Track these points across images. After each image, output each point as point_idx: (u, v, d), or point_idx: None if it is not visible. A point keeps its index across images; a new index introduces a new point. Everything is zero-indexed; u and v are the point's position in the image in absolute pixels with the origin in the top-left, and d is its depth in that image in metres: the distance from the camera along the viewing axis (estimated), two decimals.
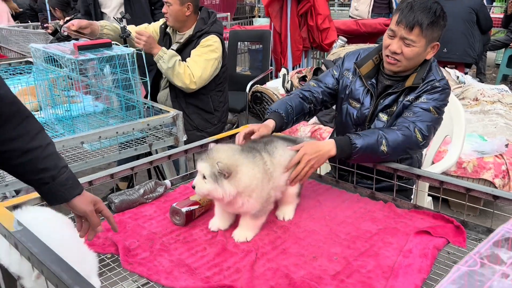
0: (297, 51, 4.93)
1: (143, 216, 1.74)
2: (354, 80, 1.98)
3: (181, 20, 2.93)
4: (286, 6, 4.80)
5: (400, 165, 1.82)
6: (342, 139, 1.73)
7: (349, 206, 1.81)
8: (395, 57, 1.83)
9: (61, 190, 1.26)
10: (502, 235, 0.77)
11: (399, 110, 1.88)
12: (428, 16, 1.76)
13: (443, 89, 1.85)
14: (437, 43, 1.85)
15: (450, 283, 0.64)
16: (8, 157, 1.19)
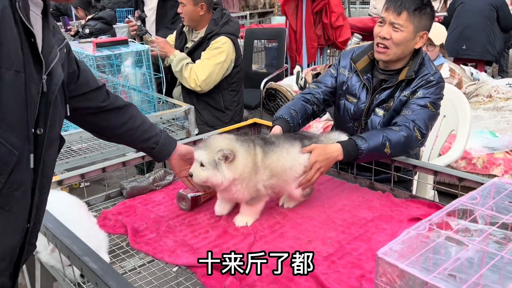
0: (312, 49, 5.00)
1: (152, 201, 1.85)
2: (350, 76, 2.06)
3: (196, 20, 3.01)
4: (301, 4, 4.88)
5: (398, 156, 1.89)
6: (349, 144, 1.80)
7: (348, 195, 1.89)
8: (384, 43, 1.89)
9: (164, 150, 1.67)
10: (456, 206, 0.85)
11: (396, 105, 1.94)
12: (415, 1, 1.86)
13: (437, 83, 1.91)
14: (425, 32, 1.92)
15: (398, 243, 0.72)
16: (126, 136, 1.57)
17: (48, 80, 1.04)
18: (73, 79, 1.33)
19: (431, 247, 0.72)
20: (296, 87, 4.51)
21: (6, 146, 0.92)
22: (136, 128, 1.57)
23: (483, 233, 0.74)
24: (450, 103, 2.65)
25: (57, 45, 1.10)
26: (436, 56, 3.54)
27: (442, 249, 0.72)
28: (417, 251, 0.72)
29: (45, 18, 1.07)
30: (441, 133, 2.65)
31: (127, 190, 1.88)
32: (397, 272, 0.67)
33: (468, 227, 0.77)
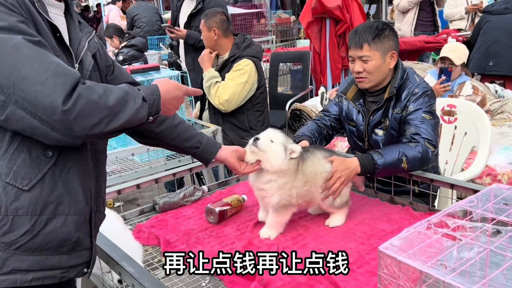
0: (336, 70, 5.11)
1: (182, 216, 1.98)
2: (347, 104, 2.22)
3: (212, 45, 3.17)
4: (325, 27, 5.01)
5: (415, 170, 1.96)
6: (366, 158, 1.90)
7: (368, 209, 1.97)
8: (361, 76, 2.05)
9: (209, 149, 1.70)
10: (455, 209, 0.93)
11: (391, 123, 2.05)
12: (370, 32, 2.01)
13: (423, 93, 2.01)
14: (393, 51, 2.05)
15: (398, 240, 0.81)
16: (166, 134, 1.58)
17: (80, 68, 1.22)
18: (109, 71, 1.47)
19: (429, 243, 0.81)
20: (321, 107, 4.61)
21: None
22: (175, 126, 1.60)
23: (477, 230, 0.82)
24: (470, 120, 2.71)
25: (85, 38, 1.28)
26: (458, 75, 3.59)
27: (440, 245, 0.81)
28: (416, 246, 0.81)
29: (69, 16, 1.26)
30: (463, 149, 2.70)
31: (160, 205, 2.01)
32: (396, 264, 0.76)
33: (464, 225, 0.85)
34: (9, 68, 0.99)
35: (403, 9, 6.14)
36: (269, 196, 1.75)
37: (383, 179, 2.05)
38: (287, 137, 1.79)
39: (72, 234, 1.16)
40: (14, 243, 1.08)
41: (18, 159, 1.08)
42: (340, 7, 4.66)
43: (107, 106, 1.07)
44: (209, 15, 3.14)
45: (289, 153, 1.74)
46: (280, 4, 15.37)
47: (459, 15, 6.20)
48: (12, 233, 1.07)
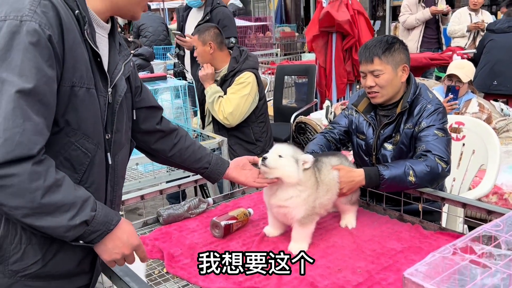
0: (342, 84, 5.10)
1: (186, 228, 1.93)
2: (357, 116, 2.20)
3: (208, 59, 3.14)
4: (331, 41, 5.01)
5: (426, 188, 1.92)
6: (371, 170, 1.89)
7: (377, 226, 1.92)
8: (373, 90, 2.03)
9: (217, 169, 1.73)
10: (481, 233, 0.89)
11: (402, 138, 2.03)
12: (380, 46, 2.00)
13: (436, 110, 1.99)
14: (404, 64, 2.04)
15: (423, 265, 0.77)
16: (177, 156, 1.64)
17: (113, 92, 1.22)
18: (137, 92, 1.49)
19: (456, 269, 0.77)
20: (325, 121, 4.59)
21: (82, 150, 1.12)
22: (186, 149, 1.66)
23: (507, 258, 0.78)
24: (479, 138, 2.68)
25: (122, 61, 1.28)
26: (464, 92, 3.58)
27: (467, 271, 0.77)
28: (442, 273, 0.77)
29: (112, 38, 1.26)
30: (471, 167, 2.67)
31: (164, 217, 1.97)
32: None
33: (492, 252, 0.82)
34: None
35: (409, 27, 6.16)
36: (292, 212, 1.71)
37: (392, 195, 2.01)
38: (295, 149, 1.76)
39: (79, 262, 1.17)
40: (22, 271, 1.07)
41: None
42: (350, 21, 4.65)
43: (37, 201, 0.97)
44: (202, 30, 3.14)
45: (301, 164, 1.70)
46: (285, 18, 15.47)
47: (460, 33, 6.23)
48: (22, 262, 1.07)
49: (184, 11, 4.31)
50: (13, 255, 1.06)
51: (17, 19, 0.96)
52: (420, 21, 6.01)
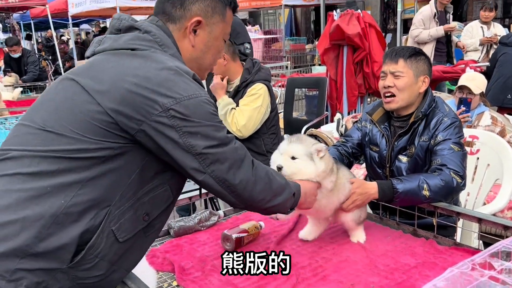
0: (353, 97, 5.08)
1: (197, 241, 1.92)
2: (371, 128, 2.18)
3: (222, 71, 3.14)
4: (342, 54, 5.01)
5: (440, 202, 1.89)
6: (385, 183, 1.87)
7: (390, 241, 1.89)
8: (390, 91, 2.02)
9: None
10: (499, 249, 0.87)
11: (417, 151, 2.01)
12: (408, 50, 2.04)
13: (452, 123, 1.97)
14: (426, 76, 2.04)
15: (441, 280, 0.75)
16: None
17: None
18: None
19: (475, 285, 0.75)
20: (336, 134, 4.57)
21: (170, 191, 1.29)
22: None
23: None
24: (493, 152, 2.64)
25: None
26: (477, 105, 3.54)
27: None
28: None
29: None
30: (485, 182, 2.63)
31: (174, 230, 1.96)
32: None
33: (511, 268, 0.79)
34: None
35: (422, 41, 6.14)
36: (332, 201, 1.76)
37: (406, 210, 1.98)
38: (304, 143, 1.72)
39: (116, 284, 1.29)
40: (83, 279, 1.16)
41: (127, 214, 1.20)
42: (360, 35, 4.66)
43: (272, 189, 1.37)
44: None
45: (316, 155, 1.69)
46: (295, 31, 15.56)
47: (473, 47, 6.21)
48: (88, 272, 1.16)
49: None
50: (86, 264, 1.14)
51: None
52: (433, 38, 6.01)
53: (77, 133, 1.15)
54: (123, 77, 1.17)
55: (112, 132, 1.15)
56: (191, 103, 1.17)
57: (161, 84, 1.16)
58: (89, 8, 10.70)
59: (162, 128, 1.16)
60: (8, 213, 1.08)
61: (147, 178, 1.23)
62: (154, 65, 1.19)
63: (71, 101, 1.18)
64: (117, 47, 1.25)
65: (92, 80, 1.19)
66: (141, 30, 1.29)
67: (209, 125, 1.21)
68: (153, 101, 1.14)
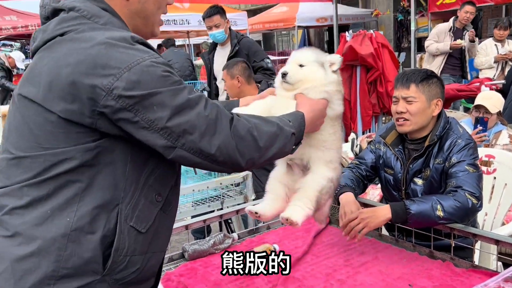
0: (367, 117, 5.07)
1: (212, 264, 1.92)
2: (385, 150, 2.17)
3: (236, 93, 3.21)
4: (355, 74, 5.02)
5: (456, 224, 1.87)
6: (397, 205, 1.87)
7: (407, 263, 1.87)
8: (403, 117, 2.01)
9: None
10: None
11: (432, 173, 1.99)
12: (419, 74, 2.01)
13: (466, 145, 1.95)
14: (439, 99, 2.02)
15: None
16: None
17: None
18: None
19: None
20: (351, 153, 4.55)
21: (171, 165, 1.21)
22: None
23: None
24: (511, 171, 2.60)
25: None
26: (494, 124, 3.51)
27: None
28: None
29: None
30: (503, 201, 2.58)
31: (189, 253, 1.96)
32: None
33: None
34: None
35: (430, 53, 6.20)
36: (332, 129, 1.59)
37: (422, 231, 1.96)
38: (317, 52, 1.58)
39: (157, 267, 1.27)
40: (123, 279, 1.14)
41: (140, 204, 1.14)
42: (373, 55, 4.67)
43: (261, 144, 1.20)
44: (230, 64, 3.25)
45: (328, 66, 1.54)
46: None
47: (488, 64, 6.19)
48: (125, 271, 1.13)
49: (208, 54, 4.41)
50: (120, 265, 1.12)
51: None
52: (440, 51, 6.04)
53: (48, 147, 1.08)
54: (58, 70, 1.06)
55: (79, 132, 1.07)
56: (133, 73, 1.04)
57: (95, 64, 1.04)
58: None
59: (114, 112, 1.05)
60: (22, 248, 1.07)
61: (142, 163, 1.15)
62: (83, 45, 1.07)
63: (27, 118, 1.11)
64: (47, 38, 1.14)
65: (33, 86, 1.10)
66: (65, 9, 1.15)
67: (162, 92, 1.07)
68: (93, 87, 1.03)
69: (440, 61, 6.15)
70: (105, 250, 1.11)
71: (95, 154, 1.08)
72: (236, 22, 9.51)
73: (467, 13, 5.98)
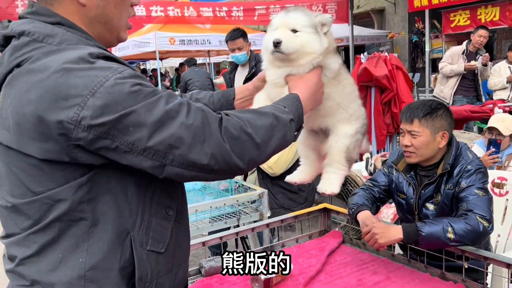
0: (381, 136, 5.12)
1: (227, 281, 1.97)
2: (397, 176, 2.22)
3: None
4: (369, 95, 5.09)
5: (468, 246, 1.90)
6: (409, 226, 1.92)
7: (419, 284, 1.90)
8: (408, 150, 2.07)
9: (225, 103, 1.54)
10: None
11: (443, 199, 2.04)
12: (423, 109, 2.04)
13: (476, 170, 2.00)
14: (444, 131, 2.05)
15: None
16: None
17: None
18: None
19: None
20: (365, 172, 4.58)
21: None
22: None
23: None
24: None
25: None
26: (507, 146, 3.53)
27: None
28: None
29: None
30: None
31: (206, 269, 2.02)
32: None
33: None
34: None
35: (444, 74, 6.26)
36: (333, 89, 1.45)
37: (433, 253, 1.99)
38: (306, 11, 1.40)
39: (186, 276, 1.24)
40: None
41: (152, 225, 1.09)
42: (388, 76, 4.74)
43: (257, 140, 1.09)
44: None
45: (320, 29, 1.38)
46: None
47: (501, 85, 6.22)
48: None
49: (229, 74, 4.55)
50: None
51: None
52: (454, 73, 6.11)
53: (39, 192, 1.02)
54: (22, 110, 0.98)
55: (64, 170, 1.00)
56: (98, 98, 0.94)
57: (56, 96, 0.95)
58: (131, 53, 11.32)
59: (90, 143, 0.96)
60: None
61: (142, 184, 1.08)
62: (39, 77, 0.97)
63: (10, 165, 1.04)
64: (5, 72, 1.05)
65: (6, 130, 1.03)
66: (15, 35, 1.06)
67: (135, 110, 0.96)
68: (59, 122, 0.95)
69: (454, 82, 6.22)
70: (128, 281, 1.07)
71: (89, 188, 1.02)
72: (255, 42, 9.67)
73: (481, 37, 6.05)
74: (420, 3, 8.03)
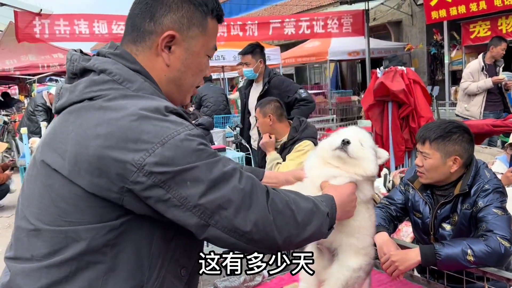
0: (399, 152, 5.03)
1: None
2: (413, 194, 2.17)
3: (267, 130, 3.37)
4: (387, 110, 5.02)
5: (489, 267, 1.85)
6: (427, 248, 1.88)
7: None
8: (420, 170, 2.03)
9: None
10: None
11: (461, 219, 1.98)
12: (436, 131, 1.98)
13: (493, 189, 1.94)
14: (456, 157, 1.97)
15: None
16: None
17: None
18: None
19: None
20: (384, 189, 4.51)
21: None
22: None
23: None
24: None
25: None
26: None
27: None
28: None
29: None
30: None
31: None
32: None
33: None
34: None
35: (471, 93, 6.14)
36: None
37: (453, 273, 1.94)
38: (371, 137, 1.63)
39: None
40: None
41: (165, 281, 1.08)
42: (405, 91, 4.69)
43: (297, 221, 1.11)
44: (264, 103, 3.40)
45: (377, 158, 1.58)
46: (341, 84, 15.72)
47: None
48: None
49: (245, 89, 4.61)
50: None
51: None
52: (482, 89, 6.01)
53: (71, 221, 1.01)
54: (86, 142, 0.99)
55: (104, 207, 1.00)
56: (167, 148, 0.98)
57: (126, 137, 0.98)
58: None
59: (144, 190, 0.98)
60: None
61: (169, 239, 1.07)
62: (114, 115, 1.00)
63: (49, 189, 1.03)
64: (74, 101, 1.07)
65: (58, 155, 1.03)
66: (96, 71, 1.09)
67: (197, 166, 1.00)
68: (123, 162, 0.97)
69: (481, 99, 6.10)
70: None
71: (119, 232, 1.02)
72: (270, 57, 9.74)
73: (503, 50, 5.99)
74: (438, 14, 7.98)
